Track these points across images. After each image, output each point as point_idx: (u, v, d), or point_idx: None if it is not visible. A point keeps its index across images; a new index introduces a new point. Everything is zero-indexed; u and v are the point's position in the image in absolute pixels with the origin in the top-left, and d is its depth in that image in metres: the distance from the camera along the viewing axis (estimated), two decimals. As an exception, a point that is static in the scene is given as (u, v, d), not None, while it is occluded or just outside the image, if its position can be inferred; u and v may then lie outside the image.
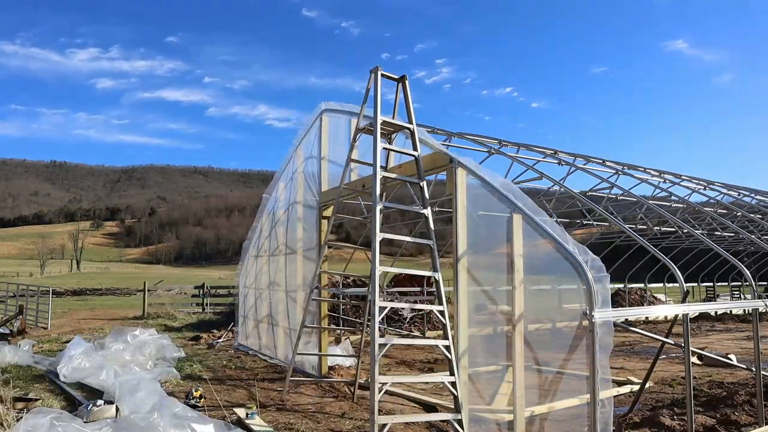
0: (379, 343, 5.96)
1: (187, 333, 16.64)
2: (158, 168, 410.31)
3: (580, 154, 12.19)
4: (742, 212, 12.46)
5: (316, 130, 10.94)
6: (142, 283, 24.37)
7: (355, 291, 16.70)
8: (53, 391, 8.64)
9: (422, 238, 7.16)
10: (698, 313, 16.79)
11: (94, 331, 16.74)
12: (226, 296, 25.43)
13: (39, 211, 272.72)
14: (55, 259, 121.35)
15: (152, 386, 7.17)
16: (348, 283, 18.89)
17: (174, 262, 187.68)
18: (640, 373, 10.09)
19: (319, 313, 10.23)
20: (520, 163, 9.46)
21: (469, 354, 6.57)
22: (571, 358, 5.44)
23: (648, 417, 7.10)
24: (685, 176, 14.24)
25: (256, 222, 14.14)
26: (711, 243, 7.63)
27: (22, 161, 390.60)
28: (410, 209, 7.76)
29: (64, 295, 38.03)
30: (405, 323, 17.81)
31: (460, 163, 6.83)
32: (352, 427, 7.06)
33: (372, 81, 7.62)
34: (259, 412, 7.27)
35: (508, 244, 6.11)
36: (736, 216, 14.97)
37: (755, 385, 6.93)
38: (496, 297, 6.56)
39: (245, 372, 10.64)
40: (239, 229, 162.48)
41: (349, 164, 8.51)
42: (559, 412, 5.87)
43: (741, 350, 13.24)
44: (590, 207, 11.43)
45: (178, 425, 5.48)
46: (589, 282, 5.02)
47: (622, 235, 21.17)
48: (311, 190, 10.91)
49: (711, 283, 29.52)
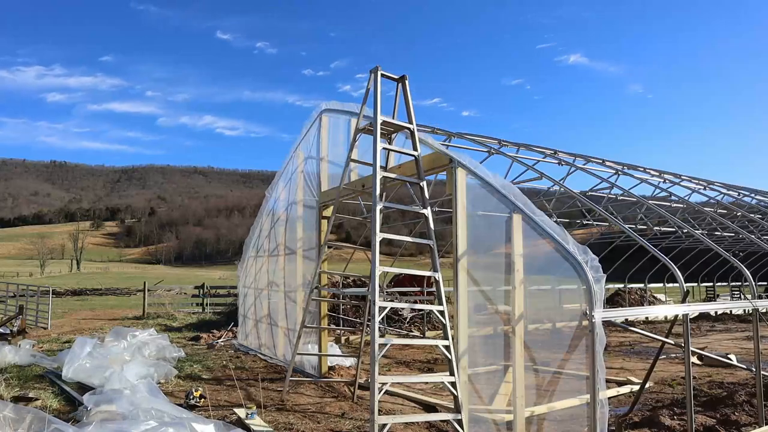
0: (379, 343, 5.96)
1: (187, 333, 16.64)
2: (158, 168, 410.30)
3: (580, 154, 12.19)
4: (742, 212, 12.45)
5: (315, 130, 10.95)
6: (142, 283, 24.40)
7: (355, 291, 16.70)
8: (53, 391, 8.64)
9: (422, 238, 7.16)
10: (698, 313, 16.77)
11: (94, 331, 16.74)
12: (226, 296, 25.44)
13: (39, 211, 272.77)
14: (55, 259, 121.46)
15: (151, 387, 7.17)
16: (348, 283, 18.89)
17: (174, 262, 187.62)
18: (640, 373, 10.10)
19: (319, 313, 10.24)
20: (520, 163, 9.46)
21: (469, 354, 6.57)
22: (571, 358, 5.44)
23: (648, 417, 7.10)
24: (685, 176, 14.23)
25: (256, 222, 14.15)
26: (711, 243, 7.63)
27: (22, 161, 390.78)
28: (410, 209, 7.75)
29: (64, 295, 38.03)
30: (405, 323, 17.81)
31: (460, 163, 6.83)
32: (352, 427, 7.06)
33: (372, 81, 7.62)
34: (259, 412, 7.27)
35: (507, 244, 6.11)
36: (736, 216, 14.96)
37: (755, 385, 6.94)
38: (495, 297, 6.56)
39: (245, 372, 10.64)
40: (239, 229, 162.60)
41: (349, 164, 8.50)
42: (559, 412, 5.87)
43: (741, 350, 13.24)
44: (590, 207, 11.41)
45: (178, 425, 5.47)
46: (589, 282, 5.02)
47: (622, 235, 21.17)
48: (311, 190, 10.91)
49: (711, 283, 29.53)
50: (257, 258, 13.89)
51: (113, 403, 6.53)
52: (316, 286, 8.92)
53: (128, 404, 6.40)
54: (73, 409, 7.48)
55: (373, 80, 7.58)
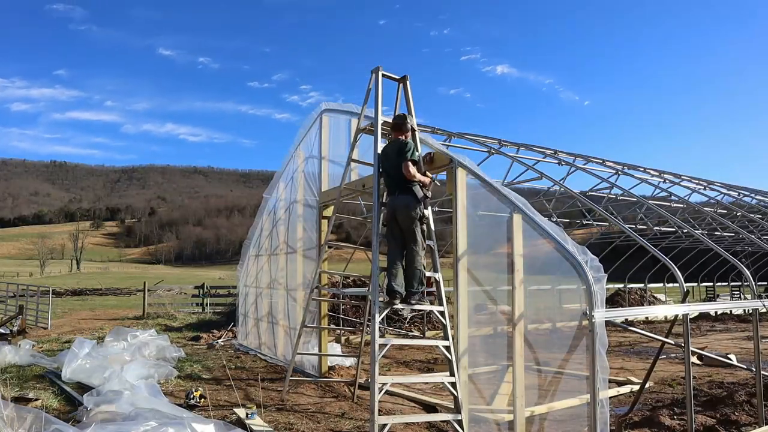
0: (379, 343, 5.96)
1: (187, 333, 16.64)
2: (158, 168, 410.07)
3: (580, 154, 12.19)
4: (742, 212, 12.46)
5: (316, 130, 10.95)
6: (142, 283, 24.39)
7: (355, 291, 16.68)
8: (53, 392, 8.63)
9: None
10: (698, 313, 16.79)
11: (93, 331, 16.75)
12: (226, 296, 25.44)
13: (39, 211, 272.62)
14: (55, 259, 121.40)
15: (151, 387, 7.17)
16: (348, 283, 18.88)
17: (174, 262, 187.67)
18: (640, 373, 10.10)
19: (319, 313, 10.24)
20: (520, 163, 9.46)
21: (469, 354, 6.57)
22: (571, 358, 5.44)
23: (648, 417, 7.10)
24: (685, 176, 14.23)
25: (256, 221, 14.16)
26: (711, 243, 7.63)
27: (22, 161, 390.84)
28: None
29: (64, 295, 38.02)
30: (405, 323, 17.80)
31: (460, 163, 6.82)
32: (352, 427, 7.06)
33: (373, 81, 7.62)
34: (259, 412, 7.27)
35: (508, 244, 6.11)
36: (736, 216, 14.96)
37: (755, 385, 6.94)
38: (496, 297, 6.56)
39: (245, 372, 10.64)
40: (239, 229, 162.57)
41: (349, 164, 8.51)
42: (559, 412, 5.87)
43: (741, 350, 13.24)
44: (590, 207, 11.42)
45: (178, 425, 5.47)
46: (589, 282, 5.02)
47: (622, 235, 21.18)
48: (311, 189, 10.91)
49: (711, 283, 29.54)
50: (258, 257, 13.90)
51: (113, 404, 6.53)
52: (317, 285, 8.92)
53: (128, 404, 6.41)
54: (73, 409, 7.48)
55: (374, 80, 7.59)
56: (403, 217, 6.56)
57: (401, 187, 6.63)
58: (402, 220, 6.59)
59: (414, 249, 6.58)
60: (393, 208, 6.69)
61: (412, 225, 6.55)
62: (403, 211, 6.55)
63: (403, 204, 6.56)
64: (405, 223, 6.57)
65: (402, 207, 6.56)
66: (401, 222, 6.61)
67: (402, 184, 6.62)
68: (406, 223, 6.57)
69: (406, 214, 6.53)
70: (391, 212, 6.76)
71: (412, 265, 6.58)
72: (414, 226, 6.57)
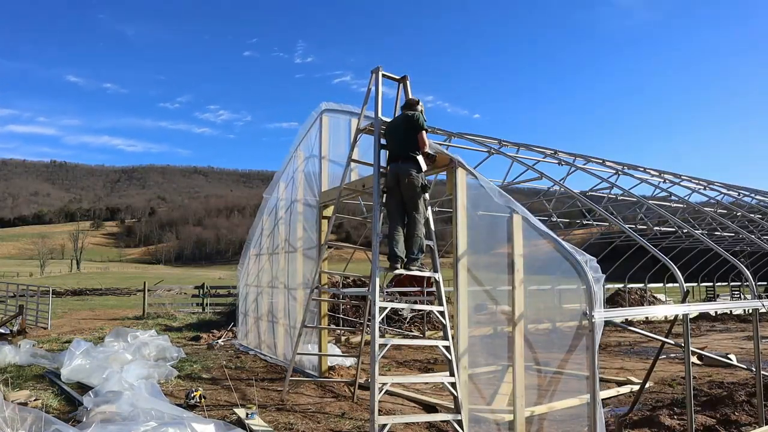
0: (379, 344, 5.96)
1: (187, 333, 16.64)
2: (158, 168, 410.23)
3: (580, 154, 12.18)
4: (742, 212, 12.44)
5: (316, 129, 10.95)
6: (142, 283, 24.38)
7: (355, 291, 16.68)
8: (53, 392, 8.63)
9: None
10: (698, 313, 16.77)
11: (94, 331, 16.75)
12: (226, 296, 25.44)
13: (39, 211, 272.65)
14: (55, 259, 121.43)
15: (151, 387, 7.17)
16: (348, 283, 18.88)
17: (174, 262, 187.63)
18: (640, 373, 10.10)
19: (319, 313, 10.24)
20: (520, 163, 9.45)
21: (469, 354, 6.57)
22: (571, 358, 5.44)
23: (648, 417, 7.10)
24: (685, 176, 14.22)
25: (257, 221, 14.17)
26: (711, 243, 7.63)
27: (22, 161, 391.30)
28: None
29: (64, 295, 38.02)
30: (405, 323, 17.80)
31: (460, 163, 6.83)
32: (352, 427, 7.06)
33: (373, 81, 7.62)
34: (259, 412, 7.27)
35: (508, 244, 6.11)
36: (736, 216, 14.96)
37: (755, 385, 6.94)
38: (496, 297, 6.57)
39: (245, 372, 10.64)
40: (239, 229, 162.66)
41: (349, 164, 8.51)
42: (559, 412, 5.87)
43: (741, 350, 13.24)
44: (590, 207, 11.41)
45: (178, 425, 5.48)
46: (589, 282, 5.02)
47: (622, 235, 21.18)
48: (311, 189, 10.91)
49: (711, 283, 29.54)
50: (259, 256, 13.91)
51: (113, 404, 6.54)
52: (316, 285, 8.92)
53: (128, 404, 6.41)
54: (73, 409, 7.48)
55: (374, 80, 7.59)
56: (406, 183, 6.73)
57: (405, 155, 6.82)
58: (405, 188, 6.77)
59: (416, 217, 6.77)
60: (396, 175, 6.85)
61: (415, 193, 6.74)
62: (406, 177, 6.73)
63: (407, 170, 6.74)
64: (408, 191, 6.76)
65: (406, 173, 6.73)
66: (404, 189, 6.79)
67: (407, 152, 6.81)
68: (409, 191, 6.75)
69: (409, 181, 6.71)
70: (394, 178, 6.92)
71: (413, 232, 6.77)
72: (417, 195, 6.75)
